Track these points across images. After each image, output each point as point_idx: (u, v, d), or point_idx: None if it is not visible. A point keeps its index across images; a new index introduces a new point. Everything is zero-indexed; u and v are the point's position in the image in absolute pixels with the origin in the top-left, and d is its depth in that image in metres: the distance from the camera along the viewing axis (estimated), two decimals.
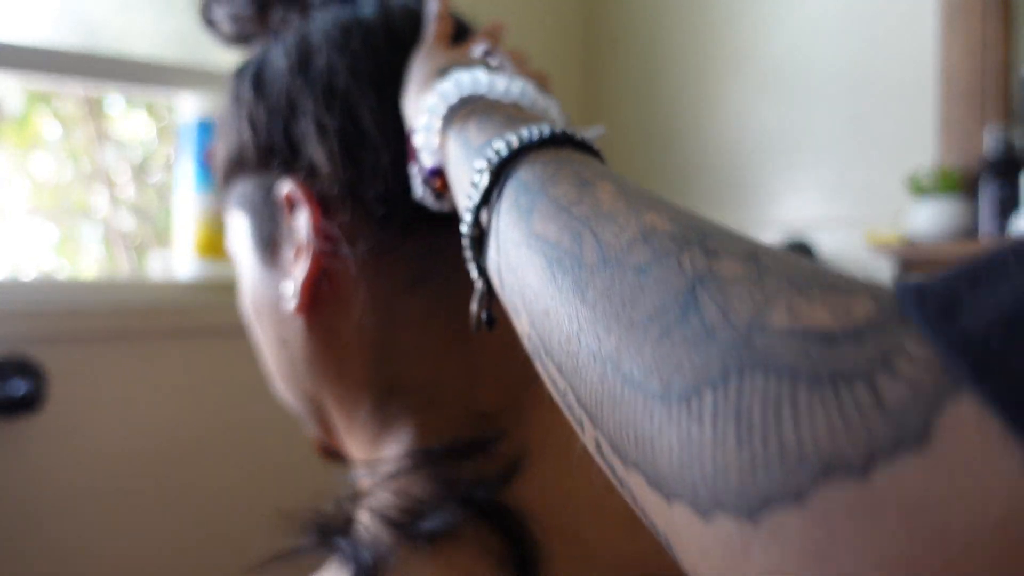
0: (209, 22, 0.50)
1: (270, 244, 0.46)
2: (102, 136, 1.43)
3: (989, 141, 1.03)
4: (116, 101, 1.45)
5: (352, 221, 0.42)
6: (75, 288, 1.22)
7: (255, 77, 0.46)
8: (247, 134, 0.45)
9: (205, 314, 1.28)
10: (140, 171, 1.49)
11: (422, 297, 0.43)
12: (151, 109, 1.47)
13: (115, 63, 1.28)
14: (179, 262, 1.32)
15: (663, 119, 1.66)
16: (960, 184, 1.08)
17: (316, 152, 0.42)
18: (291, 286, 0.44)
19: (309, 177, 0.43)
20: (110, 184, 1.44)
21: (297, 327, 0.45)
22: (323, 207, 0.43)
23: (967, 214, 1.06)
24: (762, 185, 1.46)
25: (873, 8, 1.27)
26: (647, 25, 1.71)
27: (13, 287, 1.16)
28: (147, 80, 1.31)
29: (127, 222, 1.47)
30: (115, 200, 1.45)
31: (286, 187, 0.43)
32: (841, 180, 1.32)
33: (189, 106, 1.30)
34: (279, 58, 0.45)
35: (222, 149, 0.48)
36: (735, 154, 1.51)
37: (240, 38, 0.50)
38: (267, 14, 0.48)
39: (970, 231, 1.07)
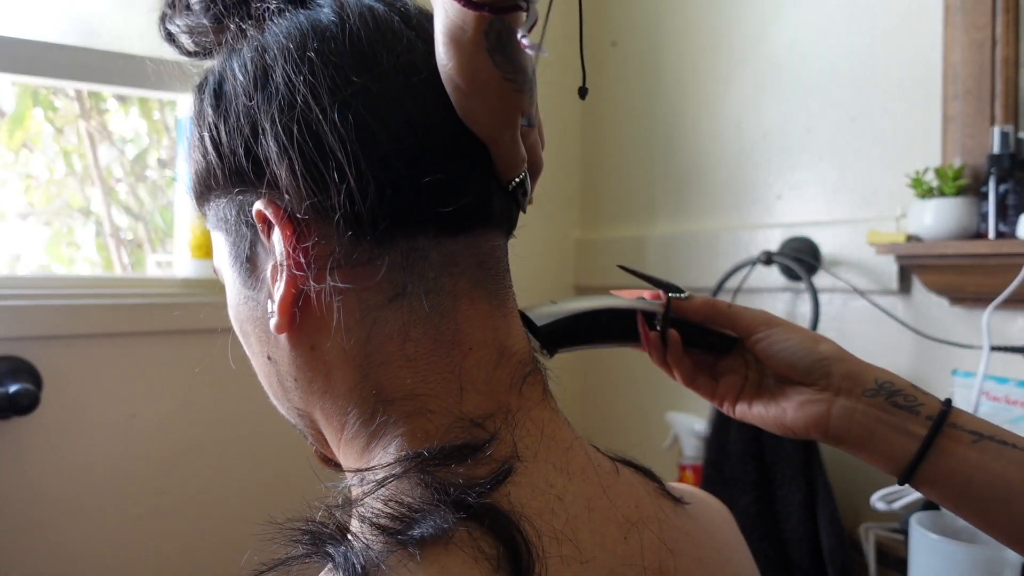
0: (168, 36, 0.49)
1: (249, 263, 0.45)
2: (96, 134, 1.42)
3: (995, 140, 1.02)
4: (111, 99, 1.44)
5: (323, 240, 0.41)
6: (70, 287, 1.21)
7: (214, 95, 0.44)
8: (212, 155, 0.44)
9: (201, 312, 1.28)
10: (135, 169, 1.49)
11: (402, 309, 0.42)
12: (145, 107, 1.46)
13: (113, 61, 1.27)
14: (177, 260, 1.32)
15: (663, 119, 1.65)
16: (965, 184, 1.07)
17: (279, 172, 0.41)
18: (271, 305, 0.43)
19: (277, 197, 0.42)
20: (104, 182, 1.43)
21: (281, 345, 0.45)
22: (294, 226, 0.41)
23: (972, 214, 1.05)
24: (763, 185, 1.45)
25: (875, 5, 1.26)
26: (647, 25, 1.70)
27: (8, 286, 1.16)
28: (145, 78, 1.30)
29: (122, 220, 1.46)
30: (109, 198, 1.44)
31: (257, 207, 0.42)
32: (843, 180, 1.32)
33: (186, 104, 1.30)
34: (237, 73, 0.43)
35: (191, 170, 0.47)
36: (735, 154, 1.50)
37: (200, 51, 0.48)
38: (223, 25, 0.46)
39: (975, 231, 1.06)
